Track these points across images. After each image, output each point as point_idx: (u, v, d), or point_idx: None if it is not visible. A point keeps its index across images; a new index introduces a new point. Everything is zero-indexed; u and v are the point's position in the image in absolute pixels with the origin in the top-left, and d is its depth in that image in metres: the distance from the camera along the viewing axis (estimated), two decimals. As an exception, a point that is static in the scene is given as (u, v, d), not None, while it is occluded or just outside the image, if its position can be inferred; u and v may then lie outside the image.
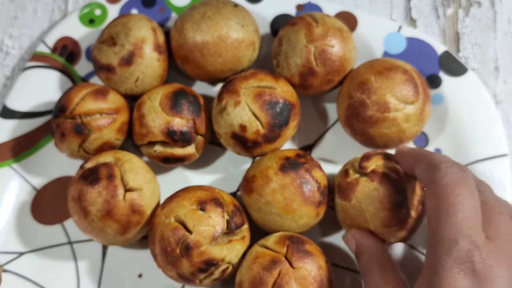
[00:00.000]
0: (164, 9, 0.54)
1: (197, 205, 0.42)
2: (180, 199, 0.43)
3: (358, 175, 0.43)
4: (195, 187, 0.45)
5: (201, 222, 0.41)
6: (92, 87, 0.48)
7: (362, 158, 0.44)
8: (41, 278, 0.50)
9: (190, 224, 0.41)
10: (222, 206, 0.43)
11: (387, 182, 0.42)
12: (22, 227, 0.51)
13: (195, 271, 0.41)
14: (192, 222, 0.41)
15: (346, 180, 0.44)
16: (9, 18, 0.59)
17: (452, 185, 0.36)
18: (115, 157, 0.46)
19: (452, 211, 0.35)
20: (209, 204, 0.42)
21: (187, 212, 0.42)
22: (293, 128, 0.47)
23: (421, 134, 0.52)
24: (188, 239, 0.41)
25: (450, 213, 0.35)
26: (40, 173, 0.52)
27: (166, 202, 0.44)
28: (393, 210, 0.42)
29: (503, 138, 0.50)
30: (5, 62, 0.57)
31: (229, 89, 0.46)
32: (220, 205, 0.43)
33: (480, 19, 0.57)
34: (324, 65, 0.47)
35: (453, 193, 0.35)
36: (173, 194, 0.45)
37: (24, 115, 0.52)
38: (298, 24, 0.48)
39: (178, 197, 0.44)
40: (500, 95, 0.54)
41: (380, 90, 0.45)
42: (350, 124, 0.47)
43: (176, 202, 0.43)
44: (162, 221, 0.42)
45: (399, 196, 0.42)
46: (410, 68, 0.47)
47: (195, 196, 0.43)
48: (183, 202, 0.43)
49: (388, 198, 0.41)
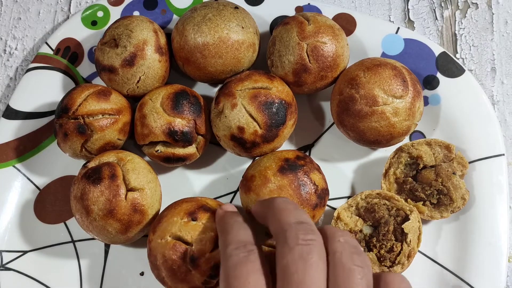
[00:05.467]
0: (165, 11, 0.55)
1: (187, 217, 0.42)
2: (168, 217, 0.43)
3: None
4: (178, 202, 0.45)
5: (198, 231, 0.41)
6: (95, 88, 0.49)
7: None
8: (44, 276, 0.50)
9: (188, 237, 0.41)
10: (211, 210, 0.43)
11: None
12: (26, 226, 0.51)
13: (206, 279, 0.41)
14: (188, 234, 0.41)
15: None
16: (13, 19, 0.59)
17: (235, 267, 0.35)
18: (118, 157, 0.47)
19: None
20: (199, 212, 0.42)
21: (181, 227, 0.42)
22: (290, 126, 0.48)
23: (419, 134, 0.52)
24: (191, 251, 0.41)
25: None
26: (43, 173, 0.53)
27: (155, 226, 0.43)
28: None
29: (500, 138, 0.50)
30: (8, 63, 0.58)
31: (225, 92, 0.47)
32: (209, 210, 0.43)
33: (477, 21, 0.57)
34: (317, 61, 0.47)
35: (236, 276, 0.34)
36: (159, 216, 0.44)
37: (27, 115, 0.53)
38: (291, 23, 0.48)
39: (165, 216, 0.43)
40: (497, 95, 0.55)
41: (369, 84, 0.46)
42: (341, 120, 0.48)
43: (166, 221, 0.43)
44: (158, 243, 0.42)
45: None
46: (400, 65, 0.48)
47: (182, 209, 0.43)
48: (173, 219, 0.42)
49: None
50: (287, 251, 0.33)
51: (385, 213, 0.47)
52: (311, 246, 0.33)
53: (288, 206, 0.37)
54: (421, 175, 0.48)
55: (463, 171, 0.49)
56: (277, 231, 0.35)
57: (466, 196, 0.47)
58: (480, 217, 0.49)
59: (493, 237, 0.48)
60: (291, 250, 0.33)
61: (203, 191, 0.52)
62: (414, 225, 0.46)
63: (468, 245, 0.48)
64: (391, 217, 0.47)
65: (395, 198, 0.47)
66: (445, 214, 0.48)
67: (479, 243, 0.48)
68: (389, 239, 0.46)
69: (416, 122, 0.48)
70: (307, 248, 0.33)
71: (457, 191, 0.47)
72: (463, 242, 0.49)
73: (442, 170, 0.48)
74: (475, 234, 0.48)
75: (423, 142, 0.49)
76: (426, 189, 0.48)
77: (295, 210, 0.36)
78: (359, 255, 0.34)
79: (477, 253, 0.48)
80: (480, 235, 0.48)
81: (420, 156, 0.48)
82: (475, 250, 0.48)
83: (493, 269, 0.47)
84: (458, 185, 0.47)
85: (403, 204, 0.47)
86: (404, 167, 0.49)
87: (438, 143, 0.49)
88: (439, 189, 0.47)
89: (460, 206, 0.47)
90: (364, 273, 0.34)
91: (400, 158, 0.49)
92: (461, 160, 0.48)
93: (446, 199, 0.47)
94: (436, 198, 0.48)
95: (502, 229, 0.48)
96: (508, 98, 0.55)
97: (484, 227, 0.48)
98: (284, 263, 0.33)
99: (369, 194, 0.48)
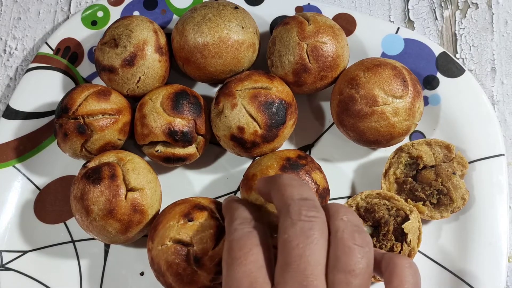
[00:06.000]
0: (165, 11, 0.55)
1: (183, 219, 0.42)
2: (164, 223, 0.43)
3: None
4: (170, 206, 0.45)
5: (196, 231, 0.41)
6: (95, 88, 0.49)
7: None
8: (44, 276, 0.50)
9: (187, 238, 0.41)
10: (206, 208, 0.43)
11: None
12: (26, 226, 0.51)
13: (213, 276, 0.41)
14: (187, 235, 0.41)
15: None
16: (13, 19, 0.59)
17: (239, 240, 0.36)
18: (118, 157, 0.47)
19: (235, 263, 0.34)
20: (194, 212, 0.42)
21: (178, 230, 0.42)
22: (290, 126, 0.48)
23: (419, 134, 0.52)
24: (193, 251, 0.41)
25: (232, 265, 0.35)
26: (43, 173, 0.53)
27: (152, 234, 0.43)
28: None
29: (500, 138, 0.50)
30: (8, 63, 0.58)
31: (225, 92, 0.47)
32: (204, 208, 0.43)
33: (477, 21, 0.57)
34: (317, 61, 0.47)
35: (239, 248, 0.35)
36: (154, 223, 0.44)
37: (27, 115, 0.53)
38: (290, 23, 0.49)
39: (161, 223, 0.43)
40: (497, 95, 0.55)
41: (369, 84, 0.46)
42: (341, 120, 0.48)
43: (162, 227, 0.43)
44: (159, 250, 0.42)
45: None
46: (400, 65, 0.48)
47: (176, 212, 0.43)
48: (169, 223, 0.42)
49: None
50: (289, 226, 0.34)
51: (385, 213, 0.47)
52: (313, 223, 0.34)
53: (293, 182, 0.37)
54: (421, 175, 0.48)
55: (463, 171, 0.49)
56: (281, 206, 0.35)
57: (466, 196, 0.47)
58: (480, 217, 0.49)
59: (493, 237, 0.48)
60: (293, 225, 0.34)
61: (203, 191, 0.52)
62: (414, 225, 0.46)
63: (468, 245, 0.48)
64: (391, 217, 0.47)
65: (395, 198, 0.47)
66: (445, 214, 0.48)
67: (479, 243, 0.48)
68: (389, 239, 0.46)
69: (416, 122, 0.48)
70: (309, 224, 0.34)
71: (457, 191, 0.47)
72: (463, 242, 0.49)
73: (442, 170, 0.48)
74: (475, 234, 0.48)
75: (423, 142, 0.49)
76: (426, 189, 0.48)
77: (300, 186, 0.36)
78: (360, 234, 0.34)
79: (477, 253, 0.48)
80: (480, 235, 0.48)
81: (420, 156, 0.48)
82: (475, 250, 0.48)
83: (493, 269, 0.47)
84: (458, 185, 0.47)
85: (403, 204, 0.47)
86: (404, 167, 0.49)
87: (438, 143, 0.49)
88: (439, 189, 0.48)
89: (460, 206, 0.47)
90: (365, 251, 0.34)
91: (400, 158, 0.49)
92: (461, 160, 0.48)
93: (446, 199, 0.47)
94: (436, 198, 0.48)
95: (502, 229, 0.48)
96: (508, 98, 0.55)
97: (484, 227, 0.48)
98: (285, 238, 0.34)
99: (369, 194, 0.48)
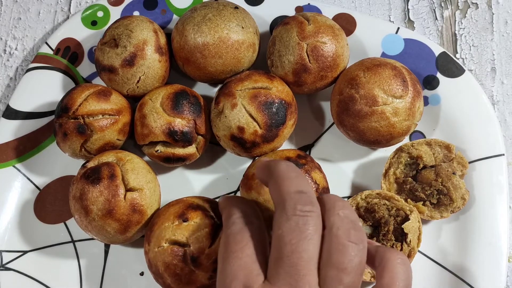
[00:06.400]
0: (165, 11, 0.55)
1: (178, 220, 0.42)
2: (159, 225, 0.43)
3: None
4: (164, 208, 0.45)
5: (192, 231, 0.41)
6: (95, 88, 0.49)
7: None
8: (44, 276, 0.50)
9: (183, 238, 0.41)
10: (200, 208, 0.43)
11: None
12: (26, 226, 0.51)
13: (211, 274, 0.41)
14: (183, 235, 0.41)
15: None
16: (13, 19, 0.59)
17: (236, 233, 0.36)
18: (117, 157, 0.47)
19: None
20: (188, 213, 0.42)
21: (174, 230, 0.42)
22: (290, 126, 0.48)
23: (419, 134, 0.52)
24: (190, 251, 0.41)
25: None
26: (43, 173, 0.53)
27: (148, 236, 0.44)
28: None
29: (500, 138, 0.50)
30: (8, 63, 0.58)
31: (225, 92, 0.47)
32: (198, 207, 0.43)
33: (477, 21, 0.57)
34: (317, 61, 0.47)
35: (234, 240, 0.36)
36: (149, 226, 0.44)
37: (27, 115, 0.53)
38: (290, 23, 0.49)
39: (156, 224, 0.43)
40: (497, 95, 0.55)
41: (369, 84, 0.46)
42: (341, 120, 0.48)
43: (158, 229, 0.43)
44: (156, 252, 0.42)
45: None
46: (400, 65, 0.48)
47: (171, 213, 0.43)
48: (164, 225, 0.42)
49: None
50: (284, 221, 0.34)
51: (385, 213, 0.47)
52: (308, 218, 0.34)
53: (290, 174, 0.36)
54: (421, 175, 0.48)
55: (463, 171, 0.49)
56: (277, 200, 0.35)
57: (466, 196, 0.47)
58: (480, 217, 0.49)
59: (493, 237, 0.48)
60: (288, 220, 0.34)
61: (203, 191, 0.52)
62: (414, 225, 0.46)
63: (468, 245, 0.48)
64: (391, 217, 0.47)
65: (395, 198, 0.47)
66: (445, 214, 0.48)
67: (479, 243, 0.48)
68: (389, 239, 0.46)
69: (416, 122, 0.48)
70: (303, 219, 0.34)
71: (457, 191, 0.47)
72: (463, 242, 0.49)
73: (442, 170, 0.48)
74: (475, 234, 0.48)
75: (423, 142, 0.49)
76: (426, 189, 0.48)
77: (297, 178, 0.36)
78: (356, 231, 0.34)
79: (477, 253, 0.48)
80: (480, 235, 0.48)
81: (420, 156, 0.48)
82: (475, 250, 0.48)
83: (493, 269, 0.47)
84: (458, 185, 0.47)
85: (403, 204, 0.47)
86: (404, 167, 0.49)
87: (438, 143, 0.49)
88: (439, 189, 0.48)
89: (460, 206, 0.47)
90: (359, 249, 0.34)
91: (400, 158, 0.49)
92: (461, 160, 0.48)
93: (446, 199, 0.47)
94: (436, 198, 0.48)
95: (502, 229, 0.48)
96: (508, 98, 0.55)
97: (484, 227, 0.48)
98: (279, 233, 0.34)
99: (369, 194, 0.48)
